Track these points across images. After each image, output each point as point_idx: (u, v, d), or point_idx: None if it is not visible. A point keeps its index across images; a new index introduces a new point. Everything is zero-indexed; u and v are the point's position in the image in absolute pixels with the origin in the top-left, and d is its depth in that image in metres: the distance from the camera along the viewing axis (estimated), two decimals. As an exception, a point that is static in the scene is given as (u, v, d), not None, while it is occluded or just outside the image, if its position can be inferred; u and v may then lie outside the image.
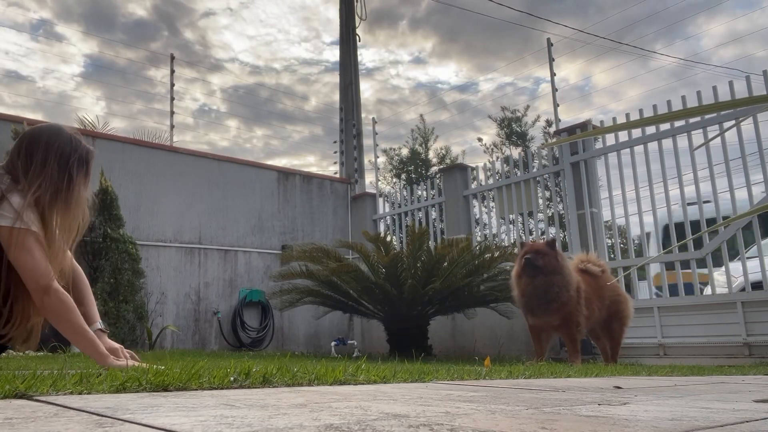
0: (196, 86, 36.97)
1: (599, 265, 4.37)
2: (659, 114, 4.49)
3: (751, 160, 4.79)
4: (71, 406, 0.99)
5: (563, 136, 6.31)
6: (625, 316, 4.32)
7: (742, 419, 1.04)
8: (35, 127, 2.15)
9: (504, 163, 6.78)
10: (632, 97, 27.59)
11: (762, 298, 4.48)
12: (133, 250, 5.79)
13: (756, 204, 4.71)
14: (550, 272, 3.92)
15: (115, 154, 6.39)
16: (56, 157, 2.06)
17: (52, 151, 2.06)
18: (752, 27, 25.08)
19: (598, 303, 4.17)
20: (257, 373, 1.58)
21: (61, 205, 2.03)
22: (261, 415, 0.93)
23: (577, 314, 3.98)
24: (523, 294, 4.02)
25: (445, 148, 16.20)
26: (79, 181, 2.11)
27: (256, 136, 36.90)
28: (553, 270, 3.93)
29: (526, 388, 1.72)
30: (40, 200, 1.98)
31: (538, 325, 4.11)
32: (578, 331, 4.02)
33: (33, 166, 2.02)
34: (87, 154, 2.16)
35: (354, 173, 9.16)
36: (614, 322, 4.30)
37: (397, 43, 26.92)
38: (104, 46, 36.78)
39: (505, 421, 0.95)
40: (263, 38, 28.69)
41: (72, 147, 2.11)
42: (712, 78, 16.10)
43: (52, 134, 2.11)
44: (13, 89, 21.61)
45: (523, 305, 4.07)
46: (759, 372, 3.23)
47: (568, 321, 3.98)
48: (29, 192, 1.96)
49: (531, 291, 3.96)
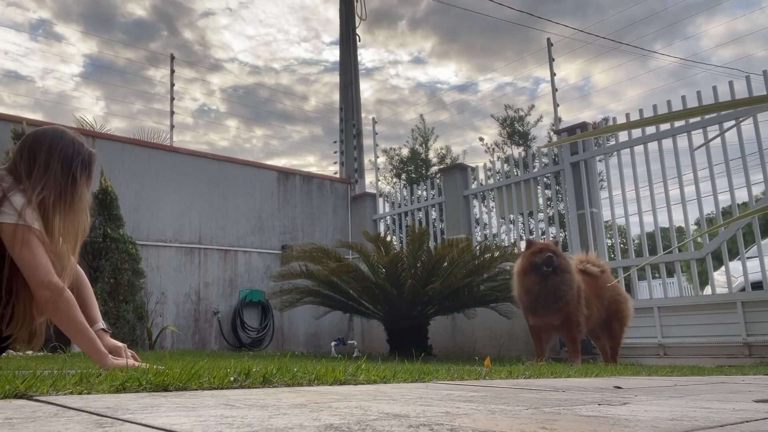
0: (195, 86, 37.01)
1: (599, 265, 4.37)
2: (659, 114, 4.49)
3: (751, 160, 4.79)
4: (71, 406, 0.99)
5: (563, 136, 6.31)
6: (624, 316, 4.32)
7: (742, 419, 1.04)
8: (38, 129, 2.17)
9: (504, 163, 6.78)
10: (632, 97, 27.63)
11: (762, 298, 4.48)
12: (133, 250, 5.79)
13: (756, 204, 4.71)
14: (562, 271, 3.95)
15: (115, 154, 6.39)
16: (60, 159, 2.08)
17: (56, 154, 2.08)
18: (752, 27, 25.10)
19: (598, 303, 4.18)
20: (257, 373, 1.58)
21: (65, 207, 2.05)
22: (261, 415, 0.93)
23: (577, 314, 3.98)
24: (528, 292, 4.01)
25: (445, 147, 16.19)
26: (82, 183, 2.13)
27: (255, 136, 36.89)
28: (566, 269, 3.96)
29: (526, 388, 1.72)
30: (44, 202, 2.00)
31: (539, 325, 4.11)
32: (578, 331, 4.02)
33: (36, 167, 2.03)
34: (89, 157, 2.19)
35: (354, 173, 9.16)
36: (614, 322, 4.30)
37: (397, 43, 26.94)
38: (103, 46, 36.80)
39: (505, 421, 0.95)
40: (263, 38, 28.71)
41: (75, 149, 2.13)
42: (711, 78, 16.11)
43: (55, 136, 2.13)
44: (13, 89, 21.63)
45: (527, 304, 4.05)
46: (759, 372, 3.23)
47: (568, 321, 3.98)
48: (33, 193, 1.98)
49: (539, 289, 3.95)
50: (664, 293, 5.15)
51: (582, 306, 4.01)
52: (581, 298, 4.02)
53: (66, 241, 2.06)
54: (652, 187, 5.27)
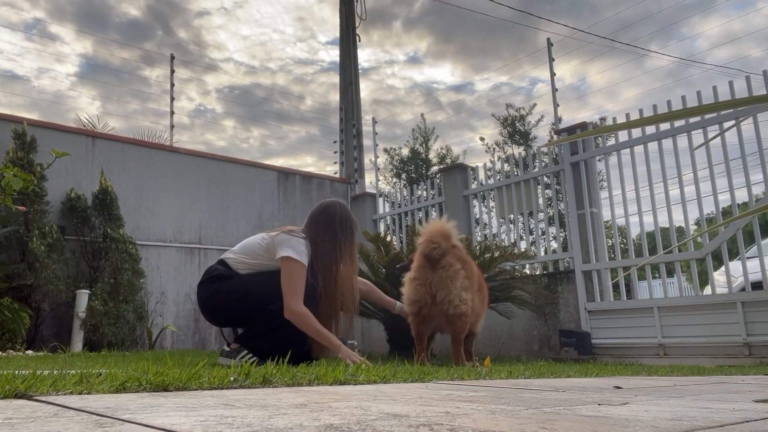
0: (191, 86, 37.01)
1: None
2: (659, 114, 4.48)
3: (751, 160, 4.79)
4: (71, 406, 0.99)
5: (563, 136, 6.31)
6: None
7: (742, 419, 1.04)
8: (326, 206, 3.26)
9: (504, 163, 6.77)
10: (628, 98, 27.65)
11: (762, 298, 4.48)
12: (133, 250, 5.78)
13: (756, 204, 4.71)
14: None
15: (115, 154, 6.39)
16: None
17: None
18: (747, 27, 25.10)
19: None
20: (257, 373, 1.58)
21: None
22: (261, 415, 0.93)
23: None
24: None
25: (445, 147, 16.17)
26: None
27: (252, 136, 36.88)
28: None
29: (526, 388, 1.72)
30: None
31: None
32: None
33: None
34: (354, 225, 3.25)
35: (354, 173, 9.16)
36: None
37: (392, 43, 26.98)
38: (98, 46, 36.81)
39: (505, 421, 0.95)
40: (258, 38, 28.69)
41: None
42: (707, 79, 16.14)
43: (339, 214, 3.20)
44: (9, 89, 21.61)
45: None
46: (759, 372, 3.23)
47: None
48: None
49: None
50: (664, 293, 5.15)
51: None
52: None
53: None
54: (652, 187, 5.26)
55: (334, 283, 3.06)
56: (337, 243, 3.09)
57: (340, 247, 3.08)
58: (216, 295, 3.03)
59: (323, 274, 3.05)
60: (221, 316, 3.16)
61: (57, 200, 5.76)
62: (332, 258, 3.07)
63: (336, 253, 3.07)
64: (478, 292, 3.43)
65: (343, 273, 3.09)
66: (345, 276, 3.09)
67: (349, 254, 3.12)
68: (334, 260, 3.07)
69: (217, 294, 3.02)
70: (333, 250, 3.07)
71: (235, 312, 3.04)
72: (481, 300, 3.49)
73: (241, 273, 3.05)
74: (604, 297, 5.45)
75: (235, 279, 3.03)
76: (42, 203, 5.45)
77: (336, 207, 3.20)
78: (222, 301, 3.02)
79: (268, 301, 2.91)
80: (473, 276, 3.34)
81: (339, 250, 3.08)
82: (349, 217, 3.21)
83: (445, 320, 3.21)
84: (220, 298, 3.02)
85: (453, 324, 3.19)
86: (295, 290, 2.87)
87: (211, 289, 3.05)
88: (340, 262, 3.08)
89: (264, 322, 2.93)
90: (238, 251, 3.16)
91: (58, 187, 5.79)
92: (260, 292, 2.96)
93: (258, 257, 3.07)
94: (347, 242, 3.12)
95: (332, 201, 3.27)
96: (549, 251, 10.75)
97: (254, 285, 3.00)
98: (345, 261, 3.10)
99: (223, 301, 3.02)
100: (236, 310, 3.03)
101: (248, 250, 3.12)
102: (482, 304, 3.55)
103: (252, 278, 3.03)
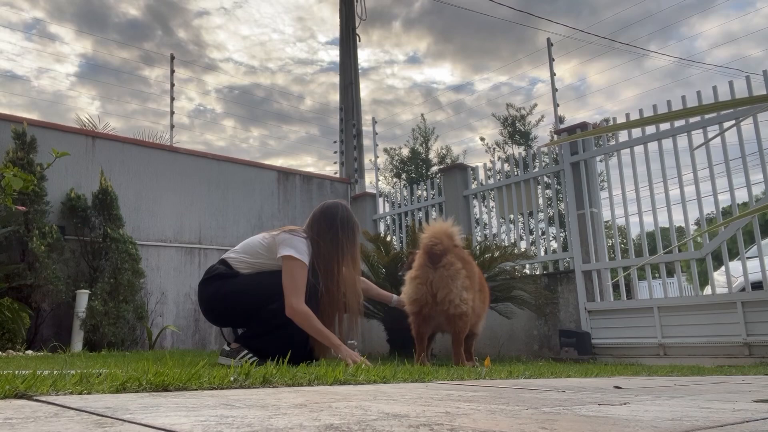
0: (191, 86, 37.00)
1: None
2: (659, 114, 4.48)
3: (751, 160, 4.79)
4: (71, 406, 0.99)
5: (563, 136, 6.31)
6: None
7: (742, 419, 1.04)
8: (328, 206, 3.22)
9: (504, 163, 6.77)
10: (628, 98, 27.65)
11: (762, 298, 4.48)
12: (133, 250, 5.79)
13: (756, 204, 4.71)
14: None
15: (115, 154, 6.39)
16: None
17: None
18: (747, 28, 25.09)
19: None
20: (257, 373, 1.58)
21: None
22: (261, 415, 0.93)
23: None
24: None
25: (445, 147, 16.18)
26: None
27: (252, 136, 36.87)
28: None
29: (526, 388, 1.72)
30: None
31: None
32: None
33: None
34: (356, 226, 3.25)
35: (354, 173, 9.16)
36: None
37: (392, 43, 26.99)
38: (98, 46, 36.81)
39: (505, 421, 0.95)
40: (258, 38, 28.68)
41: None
42: (707, 79, 16.16)
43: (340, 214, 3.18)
44: (8, 89, 21.61)
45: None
46: (759, 372, 3.23)
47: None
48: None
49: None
50: (664, 293, 5.15)
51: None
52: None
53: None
54: (652, 187, 5.26)
55: (335, 283, 3.06)
56: (338, 244, 3.09)
57: (341, 248, 3.08)
58: (217, 294, 3.04)
59: (324, 275, 3.05)
60: (222, 316, 3.16)
61: (57, 200, 5.76)
62: (333, 258, 3.07)
63: (337, 253, 3.08)
64: (480, 292, 3.43)
65: (346, 275, 3.10)
66: (348, 278, 3.10)
67: (351, 255, 3.12)
68: (336, 261, 3.07)
69: (218, 293, 3.03)
70: (334, 250, 3.07)
71: (236, 311, 3.04)
72: (482, 300, 3.50)
73: (242, 272, 3.06)
74: (604, 297, 5.45)
75: (236, 278, 3.03)
76: (42, 203, 5.45)
77: (338, 208, 3.20)
78: (223, 300, 3.03)
79: (269, 300, 2.91)
80: (474, 276, 3.34)
81: (340, 250, 3.08)
82: (351, 218, 3.22)
83: (446, 320, 3.21)
84: (221, 297, 3.02)
85: (453, 324, 3.19)
86: (297, 288, 2.89)
87: (212, 288, 3.06)
88: (342, 262, 3.09)
89: (265, 321, 2.94)
90: (239, 251, 3.16)
91: (58, 187, 5.79)
92: (261, 292, 2.96)
93: (259, 256, 3.08)
94: (349, 243, 3.13)
95: (334, 202, 3.28)
96: (549, 251, 10.76)
97: (255, 284, 3.01)
98: (347, 262, 3.10)
99: (223, 300, 3.03)
100: (237, 310, 3.03)
101: (249, 250, 3.13)
102: (483, 305, 3.55)
103: (253, 278, 3.03)
